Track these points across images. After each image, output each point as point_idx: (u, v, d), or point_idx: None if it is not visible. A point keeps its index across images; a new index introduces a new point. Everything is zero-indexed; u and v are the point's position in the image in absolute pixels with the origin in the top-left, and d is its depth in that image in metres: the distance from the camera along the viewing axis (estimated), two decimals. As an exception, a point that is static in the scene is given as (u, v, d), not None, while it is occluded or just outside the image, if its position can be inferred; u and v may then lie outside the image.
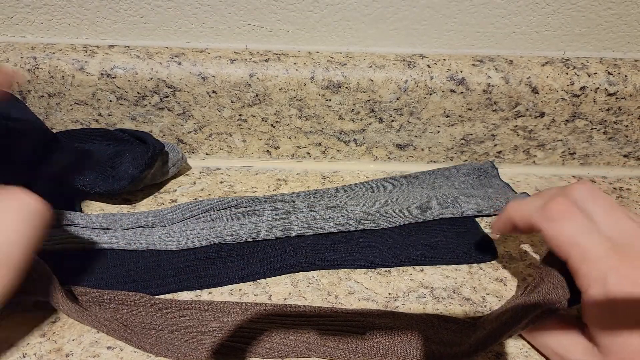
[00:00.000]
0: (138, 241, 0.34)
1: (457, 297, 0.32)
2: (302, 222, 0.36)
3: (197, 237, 0.35)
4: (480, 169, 0.44)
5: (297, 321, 0.30)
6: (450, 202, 0.39)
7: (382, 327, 0.29)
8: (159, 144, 0.39)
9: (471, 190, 0.42)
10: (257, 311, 0.30)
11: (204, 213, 0.36)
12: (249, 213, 0.37)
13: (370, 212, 0.38)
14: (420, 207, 0.38)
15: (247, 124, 0.44)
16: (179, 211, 0.36)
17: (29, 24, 0.42)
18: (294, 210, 0.37)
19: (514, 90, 0.41)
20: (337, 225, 0.37)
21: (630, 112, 0.42)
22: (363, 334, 0.29)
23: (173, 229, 0.35)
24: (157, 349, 0.28)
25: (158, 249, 0.34)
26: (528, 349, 0.29)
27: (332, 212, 0.38)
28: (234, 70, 0.41)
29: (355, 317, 0.30)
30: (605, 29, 0.42)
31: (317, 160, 0.46)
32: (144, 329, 0.29)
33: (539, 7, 0.40)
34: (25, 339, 0.28)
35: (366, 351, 0.28)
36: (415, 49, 0.43)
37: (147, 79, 0.41)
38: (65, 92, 0.42)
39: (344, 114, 0.43)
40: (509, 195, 0.41)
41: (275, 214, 0.37)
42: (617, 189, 0.44)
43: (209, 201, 0.37)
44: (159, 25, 0.42)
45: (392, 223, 0.37)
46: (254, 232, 0.36)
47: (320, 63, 0.41)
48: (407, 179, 0.43)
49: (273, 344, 0.28)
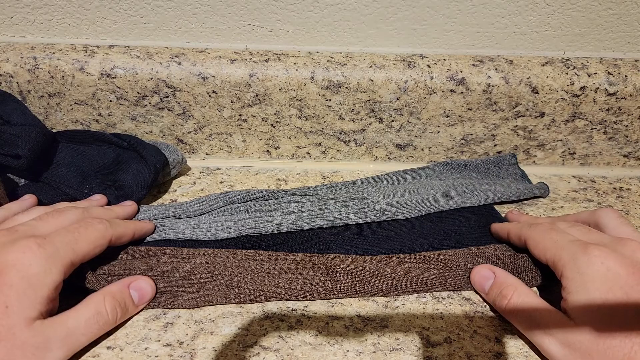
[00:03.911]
0: (168, 230, 0.35)
1: (457, 297, 0.32)
2: (328, 214, 0.37)
3: (225, 229, 0.36)
4: (499, 159, 0.44)
5: (266, 266, 0.33)
6: (470, 190, 0.40)
7: (343, 268, 0.33)
8: (159, 161, 0.39)
9: (489, 179, 0.43)
10: (228, 256, 0.33)
11: (230, 204, 0.37)
12: (275, 205, 0.38)
13: (392, 202, 0.38)
14: (441, 197, 0.39)
15: (247, 124, 0.44)
16: (206, 202, 0.37)
17: (29, 24, 0.42)
18: (319, 202, 0.38)
19: (514, 90, 0.41)
20: (362, 216, 0.37)
21: (630, 112, 0.42)
22: (326, 275, 0.32)
23: (202, 221, 0.36)
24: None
25: (188, 238, 0.35)
26: (528, 349, 0.29)
27: (356, 204, 0.38)
28: (234, 70, 0.41)
29: (319, 260, 0.33)
30: (605, 29, 0.42)
31: (317, 160, 0.46)
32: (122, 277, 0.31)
33: (539, 7, 0.40)
34: (25, 339, 0.28)
35: (329, 291, 0.31)
36: (415, 49, 0.43)
37: (147, 79, 0.41)
38: (65, 92, 0.42)
39: (344, 114, 0.43)
40: (527, 185, 0.42)
41: (301, 205, 0.38)
42: (617, 189, 0.44)
43: (235, 193, 0.37)
44: (159, 25, 0.42)
45: (414, 213, 0.38)
46: (281, 224, 0.36)
47: (320, 63, 0.41)
48: (425, 170, 0.43)
49: (243, 289, 0.31)
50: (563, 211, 0.40)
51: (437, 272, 0.33)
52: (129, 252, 0.33)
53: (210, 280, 0.31)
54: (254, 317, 0.30)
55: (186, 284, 0.31)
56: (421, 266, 0.33)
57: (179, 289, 0.31)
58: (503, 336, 0.30)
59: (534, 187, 0.42)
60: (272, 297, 0.31)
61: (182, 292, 0.31)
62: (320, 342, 0.29)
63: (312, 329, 0.30)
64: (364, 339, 0.29)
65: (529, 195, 0.41)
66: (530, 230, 0.32)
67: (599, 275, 0.26)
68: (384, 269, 0.33)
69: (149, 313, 0.30)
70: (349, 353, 0.28)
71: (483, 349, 0.29)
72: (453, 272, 0.33)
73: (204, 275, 0.32)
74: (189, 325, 0.30)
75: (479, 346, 0.29)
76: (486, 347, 0.29)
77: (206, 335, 0.29)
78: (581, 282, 0.26)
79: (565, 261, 0.28)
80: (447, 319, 0.31)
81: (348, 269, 0.32)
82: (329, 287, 0.32)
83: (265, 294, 0.31)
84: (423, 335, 0.29)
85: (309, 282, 0.32)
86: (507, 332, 0.30)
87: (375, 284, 0.32)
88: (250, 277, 0.32)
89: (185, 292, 0.31)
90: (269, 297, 0.31)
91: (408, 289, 0.32)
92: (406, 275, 0.32)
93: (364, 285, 0.32)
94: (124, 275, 0.31)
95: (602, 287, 0.26)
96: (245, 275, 0.32)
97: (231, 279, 0.32)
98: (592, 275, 0.26)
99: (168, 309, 0.31)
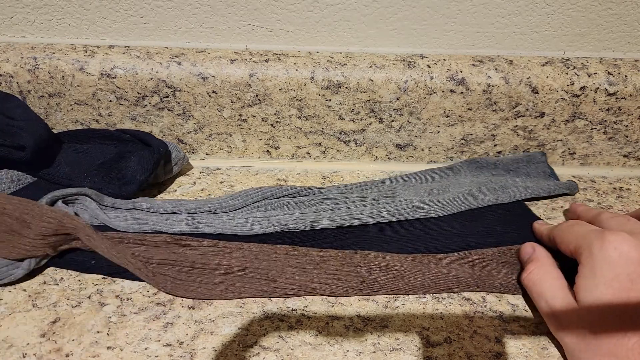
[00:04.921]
0: (205, 224, 0.36)
1: (457, 297, 0.32)
2: (361, 212, 0.37)
3: (260, 225, 0.36)
4: (529, 157, 0.44)
5: (301, 262, 0.33)
6: (500, 187, 0.40)
7: (377, 265, 0.33)
8: (163, 145, 0.39)
9: (518, 177, 0.43)
10: (264, 251, 0.34)
11: (264, 200, 0.38)
12: (309, 202, 0.38)
13: (424, 201, 0.39)
14: (472, 194, 0.39)
15: (247, 124, 0.44)
16: (240, 198, 0.37)
17: (29, 24, 0.42)
18: (352, 200, 0.38)
19: (514, 90, 0.41)
20: (395, 214, 0.38)
21: (630, 112, 0.42)
22: (360, 272, 0.33)
23: (237, 216, 0.37)
24: (177, 290, 0.31)
25: (224, 232, 0.35)
26: (528, 349, 0.29)
27: (388, 202, 0.38)
28: (234, 71, 0.41)
29: (353, 256, 0.34)
30: (605, 29, 0.42)
31: (317, 160, 0.46)
32: (162, 266, 0.32)
33: (539, 7, 0.40)
34: (25, 339, 0.28)
35: (363, 287, 0.32)
36: (415, 49, 0.43)
37: (147, 79, 0.41)
38: (65, 92, 0.42)
39: (344, 114, 0.43)
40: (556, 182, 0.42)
41: (334, 203, 0.38)
42: (617, 189, 0.44)
43: (268, 188, 0.38)
44: (159, 25, 0.42)
45: (447, 211, 0.38)
46: (315, 221, 0.37)
47: (320, 63, 0.41)
48: (453, 169, 0.44)
49: (280, 283, 0.32)
50: (561, 211, 0.40)
51: (472, 272, 0.33)
52: (167, 240, 0.34)
53: (246, 273, 0.32)
54: (254, 317, 0.30)
55: (223, 276, 0.32)
56: (456, 266, 0.33)
57: (216, 280, 0.32)
58: (503, 336, 0.30)
59: (563, 184, 0.42)
60: (307, 292, 0.32)
61: (219, 283, 0.32)
62: (320, 342, 0.29)
63: (312, 329, 0.30)
64: (364, 339, 0.29)
65: (559, 192, 0.41)
66: (557, 229, 0.32)
67: (609, 260, 0.26)
68: (418, 267, 0.33)
69: (149, 313, 0.30)
70: (349, 353, 0.28)
71: (483, 349, 0.29)
72: (488, 273, 0.33)
73: (241, 269, 0.32)
74: (189, 325, 0.30)
75: (479, 346, 0.29)
76: (486, 347, 0.29)
77: (206, 335, 0.29)
78: (591, 266, 0.27)
79: (582, 248, 0.28)
80: (447, 319, 0.31)
81: (382, 266, 0.33)
82: (363, 283, 0.32)
83: (300, 289, 0.32)
84: (423, 335, 0.29)
85: (343, 278, 0.32)
86: (507, 332, 0.30)
87: (410, 281, 0.32)
88: (285, 272, 0.32)
89: (222, 283, 0.32)
90: (304, 291, 0.32)
91: (442, 287, 0.32)
92: (440, 273, 0.33)
93: (398, 282, 0.32)
94: (164, 264, 0.32)
95: (608, 273, 0.26)
96: (281, 270, 0.32)
97: (267, 272, 0.32)
98: (602, 260, 0.26)
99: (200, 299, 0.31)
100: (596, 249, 0.27)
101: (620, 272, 0.26)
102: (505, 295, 0.32)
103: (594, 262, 0.27)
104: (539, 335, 0.30)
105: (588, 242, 0.28)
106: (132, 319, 0.30)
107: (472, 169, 0.43)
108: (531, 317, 0.31)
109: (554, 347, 0.29)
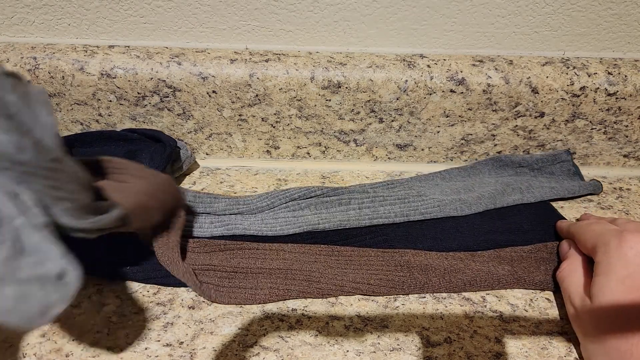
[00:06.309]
0: (235, 226, 0.36)
1: (457, 297, 0.32)
2: (388, 211, 0.38)
3: (289, 225, 0.36)
4: (554, 157, 0.44)
5: (342, 262, 0.33)
6: (525, 187, 0.40)
7: (418, 264, 0.33)
8: (172, 141, 0.40)
9: (542, 176, 0.43)
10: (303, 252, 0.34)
11: (292, 201, 0.38)
12: (336, 202, 0.38)
13: (451, 199, 0.39)
14: (497, 193, 0.40)
15: (247, 124, 0.44)
16: (268, 199, 0.37)
17: (29, 24, 0.42)
18: (379, 199, 0.39)
19: (514, 90, 0.41)
20: (422, 213, 0.38)
21: (630, 112, 0.42)
22: (401, 271, 0.33)
23: (265, 217, 0.37)
24: (221, 298, 0.31)
25: (254, 234, 0.36)
26: (528, 349, 0.29)
27: (415, 201, 0.39)
28: (234, 71, 0.41)
29: (392, 256, 0.34)
30: (605, 29, 0.42)
31: (317, 160, 0.46)
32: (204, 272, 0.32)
33: (539, 7, 0.40)
34: (25, 339, 0.28)
35: (405, 287, 0.32)
36: (415, 49, 0.43)
37: (147, 79, 0.41)
38: (65, 92, 0.42)
39: (344, 114, 0.43)
40: (580, 183, 0.42)
41: (361, 202, 0.38)
42: (617, 189, 0.44)
43: (295, 190, 0.38)
44: (159, 25, 0.42)
45: (473, 210, 0.39)
46: (344, 220, 0.37)
47: (320, 63, 0.41)
48: (477, 167, 0.44)
49: (322, 284, 0.32)
50: (562, 211, 0.40)
51: (511, 269, 0.33)
52: (206, 245, 0.34)
53: (289, 275, 0.32)
54: (254, 317, 0.30)
55: (266, 279, 0.32)
56: (495, 263, 0.33)
57: (259, 284, 0.32)
58: (503, 336, 0.30)
59: (587, 184, 0.42)
60: (350, 292, 0.32)
61: (262, 287, 0.32)
62: (320, 342, 0.29)
63: (312, 329, 0.30)
64: (364, 339, 0.29)
65: (583, 193, 0.42)
66: (575, 226, 0.33)
67: (624, 259, 0.26)
68: (458, 265, 0.33)
69: (149, 313, 0.30)
70: (349, 353, 0.28)
71: (483, 349, 0.29)
72: (527, 270, 0.33)
73: (284, 271, 0.32)
74: (189, 325, 0.30)
75: (479, 346, 0.29)
76: (486, 347, 0.29)
77: (206, 335, 0.29)
78: (606, 265, 0.27)
79: (599, 247, 0.28)
80: (447, 319, 0.31)
81: (422, 265, 0.33)
82: (405, 282, 0.32)
83: (343, 289, 0.32)
84: (423, 335, 0.29)
85: (385, 278, 0.32)
86: (507, 332, 0.30)
87: (450, 279, 0.32)
88: (327, 272, 0.32)
89: (265, 287, 0.32)
90: (347, 291, 0.32)
91: (483, 285, 0.32)
92: (480, 271, 0.33)
93: (439, 280, 0.32)
94: (206, 269, 0.32)
95: (622, 271, 0.26)
96: (322, 271, 0.32)
97: (310, 274, 0.32)
98: (617, 258, 0.26)
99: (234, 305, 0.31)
100: (613, 247, 0.27)
101: (634, 271, 0.26)
102: (506, 295, 0.32)
103: (609, 260, 0.27)
104: (539, 335, 0.30)
105: (605, 240, 0.28)
106: (132, 319, 0.30)
107: (496, 167, 0.44)
108: (531, 317, 0.31)
109: (554, 347, 0.29)
